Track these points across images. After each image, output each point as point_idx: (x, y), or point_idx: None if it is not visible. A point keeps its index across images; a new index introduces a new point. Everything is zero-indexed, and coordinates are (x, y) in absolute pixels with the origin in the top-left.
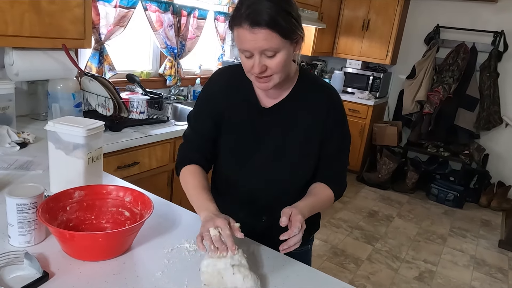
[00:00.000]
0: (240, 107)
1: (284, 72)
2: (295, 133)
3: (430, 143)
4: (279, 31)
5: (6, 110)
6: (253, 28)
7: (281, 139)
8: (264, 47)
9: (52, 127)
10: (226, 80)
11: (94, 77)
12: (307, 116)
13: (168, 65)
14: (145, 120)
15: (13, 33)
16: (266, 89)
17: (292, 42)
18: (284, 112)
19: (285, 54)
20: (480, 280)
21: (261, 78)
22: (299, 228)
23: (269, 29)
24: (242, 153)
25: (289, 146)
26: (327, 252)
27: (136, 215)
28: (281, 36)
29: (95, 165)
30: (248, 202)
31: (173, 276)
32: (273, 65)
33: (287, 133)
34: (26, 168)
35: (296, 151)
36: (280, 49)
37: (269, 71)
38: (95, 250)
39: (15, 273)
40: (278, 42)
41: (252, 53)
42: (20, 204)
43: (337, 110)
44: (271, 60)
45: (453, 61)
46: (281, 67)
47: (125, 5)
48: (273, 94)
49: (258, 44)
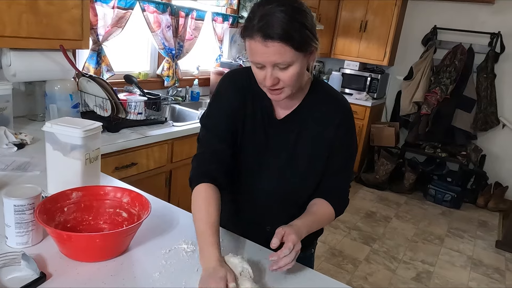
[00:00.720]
0: (257, 115)
1: (297, 84)
2: (305, 145)
3: (428, 144)
4: (293, 44)
5: (3, 111)
6: (266, 41)
7: (291, 149)
8: (277, 61)
9: (50, 128)
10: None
11: (91, 78)
12: (317, 128)
13: (166, 66)
14: (143, 121)
15: (10, 34)
16: (278, 100)
17: (306, 54)
18: (295, 123)
19: (299, 67)
20: (477, 280)
21: (273, 90)
22: (290, 248)
23: (282, 43)
24: (253, 163)
25: (298, 157)
26: (325, 253)
27: (133, 216)
28: (294, 49)
29: (93, 166)
30: (254, 211)
31: (171, 277)
32: (286, 78)
33: (297, 144)
34: (24, 169)
35: (305, 162)
36: (293, 62)
37: (281, 83)
38: (93, 251)
39: (12, 274)
40: (291, 55)
41: (264, 65)
42: (18, 205)
43: (347, 124)
44: (284, 73)
45: (450, 62)
46: (294, 80)
47: (123, 6)
48: (285, 104)
49: (270, 58)
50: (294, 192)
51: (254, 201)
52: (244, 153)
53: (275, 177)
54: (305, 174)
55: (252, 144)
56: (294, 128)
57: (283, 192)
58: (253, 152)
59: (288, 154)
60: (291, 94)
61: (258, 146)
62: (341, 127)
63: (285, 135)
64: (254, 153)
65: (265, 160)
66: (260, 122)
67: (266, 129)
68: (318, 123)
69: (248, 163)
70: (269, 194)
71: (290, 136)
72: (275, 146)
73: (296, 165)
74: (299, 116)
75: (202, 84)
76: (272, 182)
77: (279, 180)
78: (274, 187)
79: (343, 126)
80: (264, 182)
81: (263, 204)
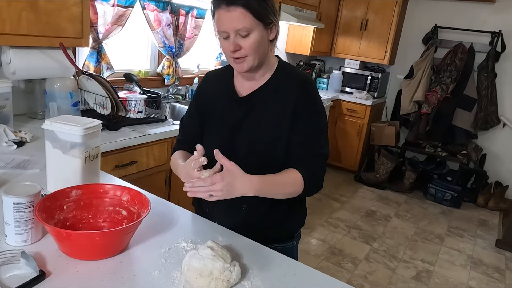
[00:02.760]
0: (219, 100)
1: (257, 54)
2: (268, 120)
3: (428, 143)
4: (253, 11)
5: (3, 109)
6: (229, 7)
7: (256, 126)
8: (238, 26)
9: (49, 126)
10: (209, 80)
11: (91, 76)
12: (278, 103)
13: (166, 64)
14: (143, 119)
15: (10, 31)
16: (241, 70)
17: (266, 26)
18: (259, 100)
19: (259, 36)
20: (477, 279)
21: (236, 59)
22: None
23: (243, 8)
24: (221, 141)
25: (263, 132)
26: (324, 251)
27: (133, 214)
28: (254, 17)
29: (93, 164)
30: None
31: (170, 276)
32: (247, 45)
33: (261, 120)
34: (23, 167)
35: (270, 137)
36: (253, 29)
37: (243, 51)
38: (92, 249)
39: (11, 272)
40: (251, 21)
41: (228, 33)
42: (17, 203)
43: (307, 95)
44: (245, 40)
45: (451, 61)
46: (254, 47)
47: (123, 4)
48: (250, 84)
49: (232, 24)
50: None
51: None
52: (212, 132)
53: (244, 151)
54: (270, 148)
55: (218, 123)
56: (258, 104)
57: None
58: (220, 131)
59: (254, 129)
60: (253, 66)
61: (224, 124)
62: (300, 96)
63: (249, 112)
64: (221, 131)
65: (232, 136)
66: (225, 101)
67: (230, 107)
68: (280, 98)
69: (216, 141)
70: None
71: (255, 113)
72: (242, 123)
73: (262, 140)
74: (261, 93)
75: None
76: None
77: (247, 154)
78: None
79: (303, 95)
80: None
81: None
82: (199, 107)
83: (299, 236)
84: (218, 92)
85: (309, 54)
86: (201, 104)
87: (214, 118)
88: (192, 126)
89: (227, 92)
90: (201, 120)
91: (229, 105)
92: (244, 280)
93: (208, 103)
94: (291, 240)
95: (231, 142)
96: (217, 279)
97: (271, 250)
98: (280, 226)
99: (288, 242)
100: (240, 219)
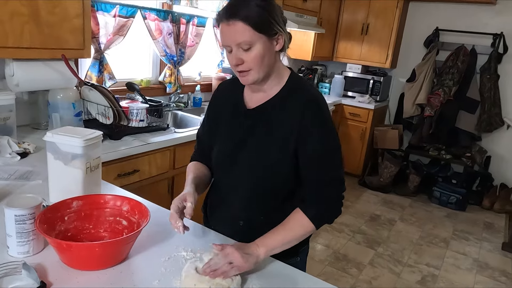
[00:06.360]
0: (228, 111)
1: (262, 67)
2: (274, 136)
3: (432, 146)
4: (253, 24)
5: (7, 121)
6: (228, 21)
7: (262, 140)
8: (239, 40)
9: (51, 137)
10: (221, 90)
11: (93, 86)
12: (285, 121)
13: (168, 73)
14: (145, 128)
15: (13, 44)
16: (246, 83)
17: (269, 38)
18: (266, 114)
19: (261, 48)
20: (483, 283)
21: (240, 72)
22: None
23: (242, 22)
24: (226, 154)
25: (268, 148)
26: (328, 257)
27: (133, 224)
28: (255, 29)
29: (94, 174)
30: (227, 204)
31: (170, 285)
32: (249, 59)
33: (268, 134)
34: (26, 178)
35: (275, 153)
36: (254, 42)
37: (246, 65)
38: (92, 260)
39: (13, 283)
40: (251, 34)
41: (231, 47)
42: (19, 215)
43: (313, 114)
44: (247, 53)
45: (453, 63)
46: (257, 61)
47: (124, 14)
48: (258, 96)
49: (233, 37)
50: (264, 183)
51: (227, 192)
52: (218, 144)
53: (247, 168)
54: (274, 164)
55: (223, 136)
56: (265, 118)
57: (254, 182)
58: (224, 146)
59: (260, 144)
60: (259, 79)
61: (229, 138)
62: (306, 114)
63: (257, 125)
64: (225, 146)
65: (238, 150)
66: (233, 112)
67: (237, 119)
68: (287, 114)
69: (220, 156)
70: (241, 183)
71: (262, 127)
72: (248, 137)
73: (267, 156)
74: (268, 107)
75: (204, 90)
76: (244, 173)
77: (250, 171)
78: (245, 177)
79: (310, 113)
80: (237, 173)
81: (234, 196)
82: (210, 116)
83: (305, 251)
84: (228, 101)
85: (310, 59)
86: (213, 113)
87: (221, 129)
88: (204, 135)
89: (236, 103)
90: (213, 131)
91: (237, 117)
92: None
93: (218, 112)
94: (294, 255)
95: (233, 157)
96: (217, 285)
97: (271, 258)
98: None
99: (290, 258)
100: (237, 235)
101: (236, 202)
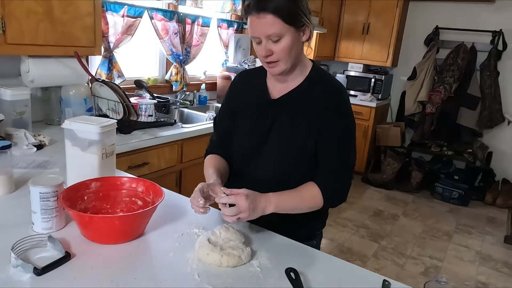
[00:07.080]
0: (252, 101)
1: (290, 58)
2: (298, 124)
3: (434, 142)
4: (282, 16)
5: (23, 115)
6: (259, 14)
7: (287, 129)
8: (269, 32)
9: (69, 125)
10: (242, 81)
11: (104, 82)
12: (308, 109)
13: (174, 71)
14: (153, 123)
15: (29, 42)
16: (274, 74)
17: (297, 30)
18: (291, 103)
19: (290, 40)
20: (486, 274)
21: (269, 63)
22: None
23: (272, 14)
24: (250, 144)
25: (292, 137)
26: (333, 250)
27: (148, 204)
28: (284, 22)
29: (109, 160)
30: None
31: (184, 256)
32: (278, 50)
33: (292, 123)
34: (44, 167)
35: (300, 140)
36: (284, 34)
37: (275, 56)
38: (112, 233)
39: (40, 254)
40: (281, 27)
41: (260, 39)
42: (43, 192)
43: (335, 104)
44: (276, 45)
45: (453, 61)
46: (286, 52)
47: (132, 14)
48: (282, 86)
49: (263, 29)
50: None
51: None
52: (240, 136)
53: (271, 157)
54: (297, 153)
55: (248, 127)
56: (289, 108)
57: (279, 170)
58: (248, 137)
59: (283, 133)
60: (286, 70)
61: (253, 129)
62: (329, 105)
63: (281, 115)
64: (248, 138)
65: (264, 140)
66: (257, 102)
67: (262, 110)
68: (310, 104)
69: (244, 146)
70: (265, 174)
71: (286, 116)
72: (272, 126)
73: (291, 145)
74: (292, 96)
75: (209, 89)
76: (268, 163)
77: (274, 160)
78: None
79: (331, 105)
80: (261, 163)
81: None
82: (231, 107)
83: (320, 235)
84: (251, 92)
85: (312, 58)
86: (234, 104)
87: (244, 119)
88: (224, 127)
89: (260, 93)
90: (233, 121)
91: (261, 107)
92: (252, 260)
93: (241, 103)
94: (310, 239)
95: (258, 146)
96: (229, 254)
97: (282, 236)
98: (302, 225)
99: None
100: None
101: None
